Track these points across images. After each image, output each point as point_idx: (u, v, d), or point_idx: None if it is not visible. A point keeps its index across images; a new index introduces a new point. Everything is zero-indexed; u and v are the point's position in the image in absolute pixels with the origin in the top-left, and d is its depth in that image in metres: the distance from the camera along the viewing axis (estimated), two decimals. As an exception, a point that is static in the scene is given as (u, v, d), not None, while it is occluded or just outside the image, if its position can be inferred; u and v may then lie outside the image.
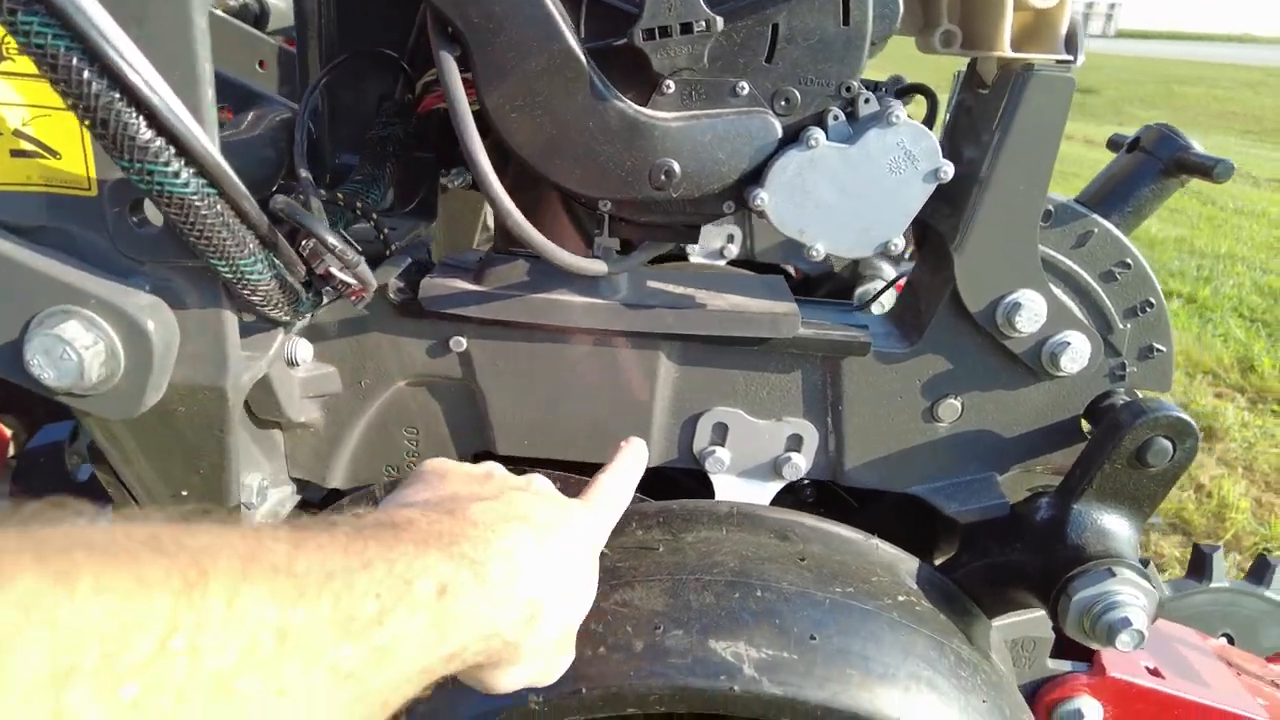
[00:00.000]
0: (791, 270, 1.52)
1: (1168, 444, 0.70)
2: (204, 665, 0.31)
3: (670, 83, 0.63)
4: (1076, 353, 0.71)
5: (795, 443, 0.78)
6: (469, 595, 0.45)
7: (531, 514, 0.53)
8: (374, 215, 0.79)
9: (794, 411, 0.77)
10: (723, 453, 0.78)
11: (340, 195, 0.78)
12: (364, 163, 0.85)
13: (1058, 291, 0.71)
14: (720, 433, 0.78)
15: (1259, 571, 1.16)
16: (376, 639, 0.39)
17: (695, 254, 1.50)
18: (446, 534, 0.47)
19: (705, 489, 0.81)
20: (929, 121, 0.77)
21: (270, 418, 0.75)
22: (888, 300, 1.15)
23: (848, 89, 0.63)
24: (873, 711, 0.60)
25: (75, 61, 0.41)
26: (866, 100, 0.64)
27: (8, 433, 1.36)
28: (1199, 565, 1.17)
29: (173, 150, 0.44)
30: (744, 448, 0.78)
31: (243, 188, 0.48)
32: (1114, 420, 0.71)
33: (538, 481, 0.61)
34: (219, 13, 1.22)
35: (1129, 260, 0.72)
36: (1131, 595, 0.68)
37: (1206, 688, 0.89)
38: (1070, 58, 0.65)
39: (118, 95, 0.42)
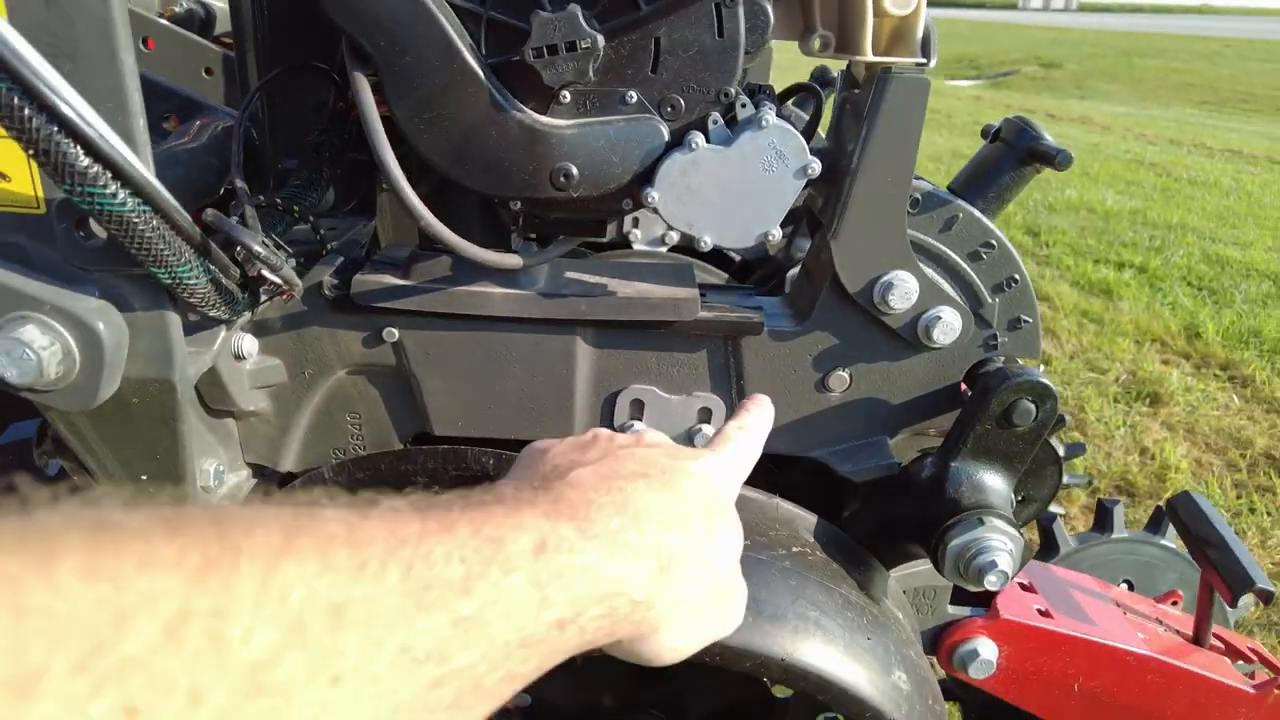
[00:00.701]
0: (734, 256, 1.60)
1: (1031, 405, 0.78)
2: (229, 656, 0.26)
3: (566, 93, 0.70)
4: (948, 326, 0.79)
5: (705, 415, 0.85)
6: (575, 549, 0.39)
7: (646, 467, 0.48)
8: (311, 217, 0.85)
9: (702, 386, 0.85)
10: (641, 426, 0.85)
11: (278, 200, 0.84)
12: (302, 168, 0.91)
13: (929, 271, 0.79)
14: (637, 408, 0.85)
15: (1155, 522, 1.26)
16: (462, 609, 0.33)
17: (638, 241, 1.57)
18: (543, 500, 0.42)
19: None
20: (814, 118, 0.85)
21: (222, 407, 0.82)
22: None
23: (725, 95, 0.71)
24: (763, 648, 0.68)
25: (16, 101, 0.47)
26: (744, 105, 0.71)
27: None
28: (1102, 519, 1.26)
29: (109, 174, 0.51)
30: (659, 421, 0.86)
31: (175, 203, 0.55)
32: (983, 385, 0.79)
33: (650, 434, 0.57)
34: (163, 22, 1.27)
35: (993, 241, 0.79)
36: (999, 541, 0.77)
37: (1092, 625, 0.98)
38: (925, 60, 0.73)
39: (56, 129, 0.48)
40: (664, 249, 1.63)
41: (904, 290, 0.77)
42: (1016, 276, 0.81)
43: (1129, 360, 3.79)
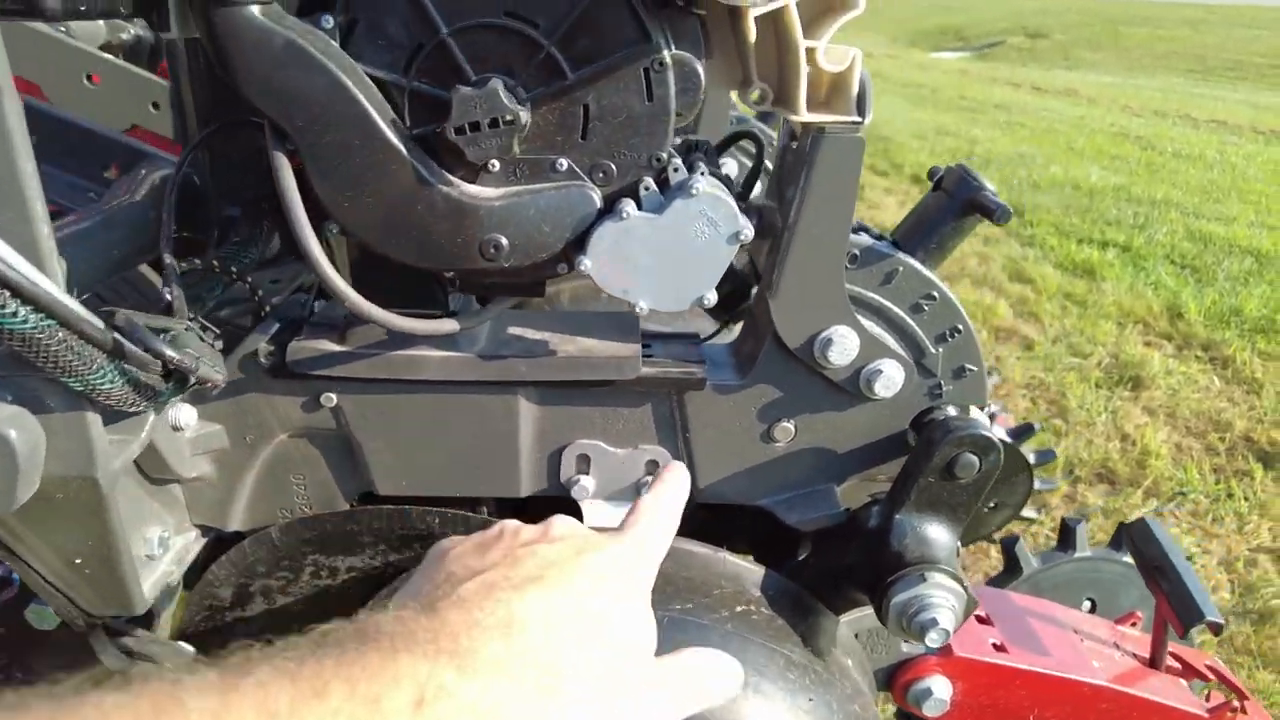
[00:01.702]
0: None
1: (974, 458, 0.78)
2: None
3: (495, 162, 0.69)
4: (889, 379, 0.79)
5: (652, 467, 0.85)
6: (455, 693, 0.39)
7: (543, 569, 0.48)
8: (249, 279, 0.84)
9: (648, 439, 0.84)
10: (587, 480, 0.85)
11: (215, 262, 0.83)
12: (241, 223, 0.90)
13: (869, 325, 0.78)
14: (584, 463, 0.85)
15: (1118, 539, 1.26)
16: None
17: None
18: (423, 632, 0.41)
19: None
20: (756, 167, 0.84)
21: (164, 476, 0.81)
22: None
23: (657, 159, 0.70)
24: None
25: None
26: (675, 169, 0.70)
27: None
28: (1066, 538, 1.26)
29: (8, 294, 0.50)
30: (606, 475, 0.85)
31: (83, 313, 0.54)
32: (926, 438, 0.79)
33: (557, 526, 0.54)
34: (109, 57, 1.25)
35: (934, 293, 0.79)
36: (941, 597, 0.77)
37: (1048, 656, 0.98)
38: (860, 119, 0.71)
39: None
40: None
41: (843, 346, 0.77)
42: (960, 327, 0.80)
43: (1111, 344, 3.80)
